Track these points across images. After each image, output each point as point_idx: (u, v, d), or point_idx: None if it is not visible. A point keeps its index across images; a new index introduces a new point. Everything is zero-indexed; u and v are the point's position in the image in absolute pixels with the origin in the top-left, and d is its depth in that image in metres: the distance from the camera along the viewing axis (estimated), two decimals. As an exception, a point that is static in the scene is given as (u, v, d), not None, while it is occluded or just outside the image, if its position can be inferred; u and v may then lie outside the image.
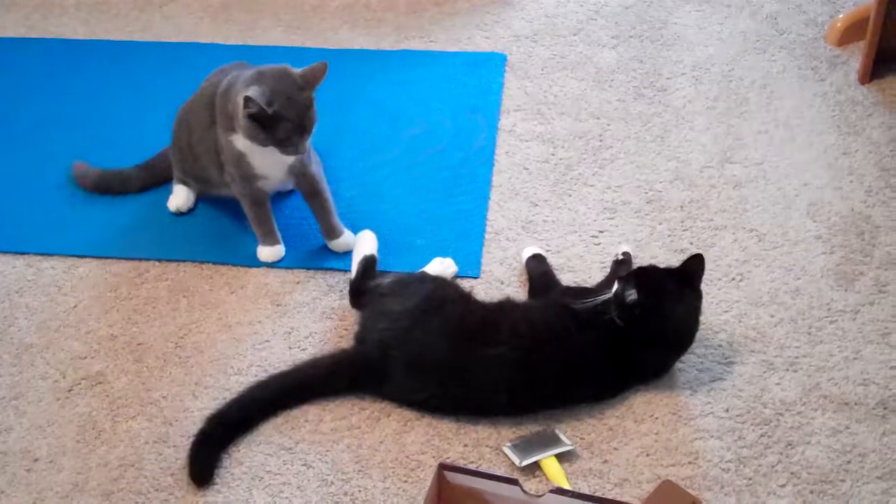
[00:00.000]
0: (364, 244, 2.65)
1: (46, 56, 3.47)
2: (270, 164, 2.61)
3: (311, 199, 2.72)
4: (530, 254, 2.66)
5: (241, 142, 2.58)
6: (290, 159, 2.59)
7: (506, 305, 2.44)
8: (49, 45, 3.52)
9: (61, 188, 2.96)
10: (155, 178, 2.95)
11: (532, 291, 2.59)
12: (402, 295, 2.44)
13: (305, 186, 2.70)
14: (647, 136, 3.02)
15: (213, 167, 2.73)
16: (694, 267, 2.34)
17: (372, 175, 2.94)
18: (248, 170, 2.63)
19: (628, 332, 2.29)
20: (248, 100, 2.45)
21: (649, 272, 2.37)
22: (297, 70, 2.55)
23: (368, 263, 2.59)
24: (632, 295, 2.28)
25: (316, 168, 2.69)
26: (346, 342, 2.50)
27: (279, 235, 2.73)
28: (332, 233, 2.72)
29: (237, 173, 2.65)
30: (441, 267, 2.62)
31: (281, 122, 2.49)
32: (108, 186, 2.94)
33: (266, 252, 2.72)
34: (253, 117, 2.48)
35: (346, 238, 2.72)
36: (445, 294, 2.45)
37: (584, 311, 2.33)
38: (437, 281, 2.52)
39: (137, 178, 2.94)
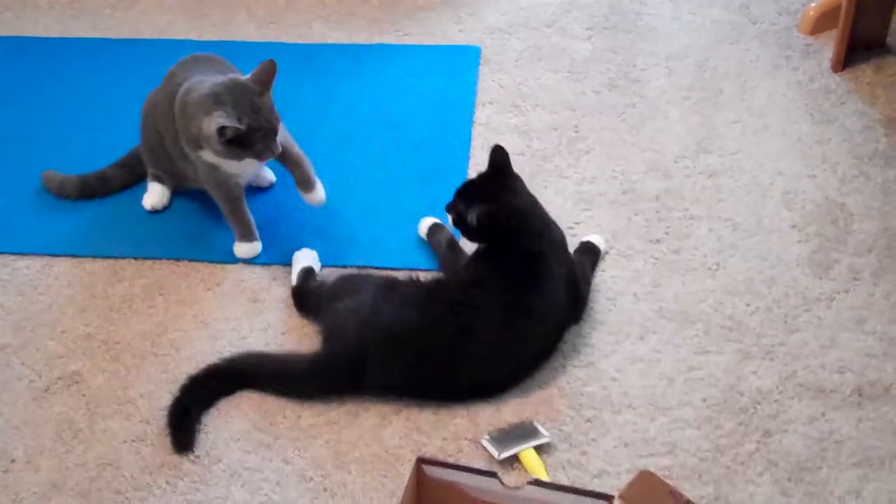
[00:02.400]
0: (302, 258, 2.66)
1: (19, 54, 3.44)
2: (243, 164, 2.60)
3: (285, 161, 2.69)
4: (430, 224, 2.70)
5: (210, 156, 2.57)
6: None
7: (443, 281, 2.50)
8: (21, 44, 3.49)
9: (34, 187, 2.94)
10: (133, 176, 2.94)
11: (443, 263, 2.63)
12: (351, 291, 2.46)
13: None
14: (622, 128, 3.03)
15: (186, 166, 2.72)
16: (500, 157, 2.48)
17: (346, 169, 2.93)
18: (223, 175, 2.63)
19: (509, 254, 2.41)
20: (221, 130, 2.45)
21: (471, 186, 2.50)
22: (247, 76, 2.55)
23: (308, 271, 2.61)
24: (472, 216, 2.39)
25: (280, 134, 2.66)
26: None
27: (256, 232, 2.72)
28: (306, 185, 2.71)
29: (212, 178, 2.64)
30: None
31: (254, 134, 2.49)
32: (92, 191, 2.91)
33: (243, 249, 2.71)
34: (228, 141, 2.48)
35: (320, 191, 2.71)
36: (394, 277, 2.51)
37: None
38: (380, 274, 2.58)
39: (117, 177, 2.93)
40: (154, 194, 2.85)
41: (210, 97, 2.52)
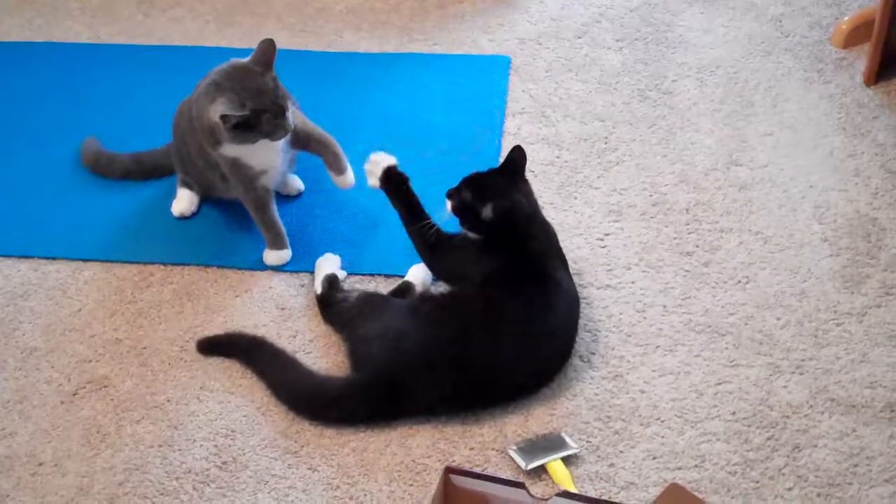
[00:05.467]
0: (325, 265, 2.65)
1: (50, 60, 3.47)
2: (265, 155, 2.61)
3: (310, 146, 2.72)
4: (386, 166, 2.63)
5: (230, 150, 2.58)
6: (280, 142, 2.60)
7: (458, 293, 2.49)
8: (53, 49, 3.51)
9: (66, 192, 2.96)
10: (141, 169, 2.97)
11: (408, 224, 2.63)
12: (374, 313, 2.44)
13: (299, 142, 2.70)
14: (653, 139, 3.02)
15: (213, 175, 2.73)
16: (519, 157, 2.51)
17: (376, 178, 2.94)
18: (248, 170, 2.63)
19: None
20: (224, 118, 2.46)
21: (482, 179, 2.50)
22: (245, 59, 2.56)
23: (331, 279, 2.60)
24: (488, 210, 2.42)
25: (299, 120, 2.68)
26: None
27: (287, 240, 2.72)
28: (335, 167, 2.74)
29: (238, 179, 2.65)
30: (423, 272, 2.63)
31: (260, 115, 2.49)
32: (97, 163, 2.99)
33: (273, 256, 2.71)
34: (234, 127, 2.48)
35: (349, 176, 2.75)
36: (410, 298, 2.55)
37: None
38: (395, 294, 2.57)
39: (121, 163, 2.97)
40: (183, 201, 2.86)
41: (211, 85, 2.53)
